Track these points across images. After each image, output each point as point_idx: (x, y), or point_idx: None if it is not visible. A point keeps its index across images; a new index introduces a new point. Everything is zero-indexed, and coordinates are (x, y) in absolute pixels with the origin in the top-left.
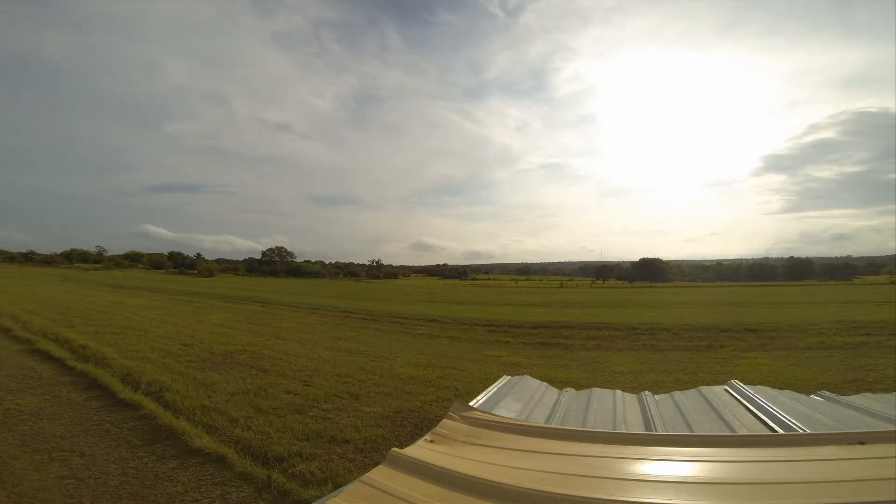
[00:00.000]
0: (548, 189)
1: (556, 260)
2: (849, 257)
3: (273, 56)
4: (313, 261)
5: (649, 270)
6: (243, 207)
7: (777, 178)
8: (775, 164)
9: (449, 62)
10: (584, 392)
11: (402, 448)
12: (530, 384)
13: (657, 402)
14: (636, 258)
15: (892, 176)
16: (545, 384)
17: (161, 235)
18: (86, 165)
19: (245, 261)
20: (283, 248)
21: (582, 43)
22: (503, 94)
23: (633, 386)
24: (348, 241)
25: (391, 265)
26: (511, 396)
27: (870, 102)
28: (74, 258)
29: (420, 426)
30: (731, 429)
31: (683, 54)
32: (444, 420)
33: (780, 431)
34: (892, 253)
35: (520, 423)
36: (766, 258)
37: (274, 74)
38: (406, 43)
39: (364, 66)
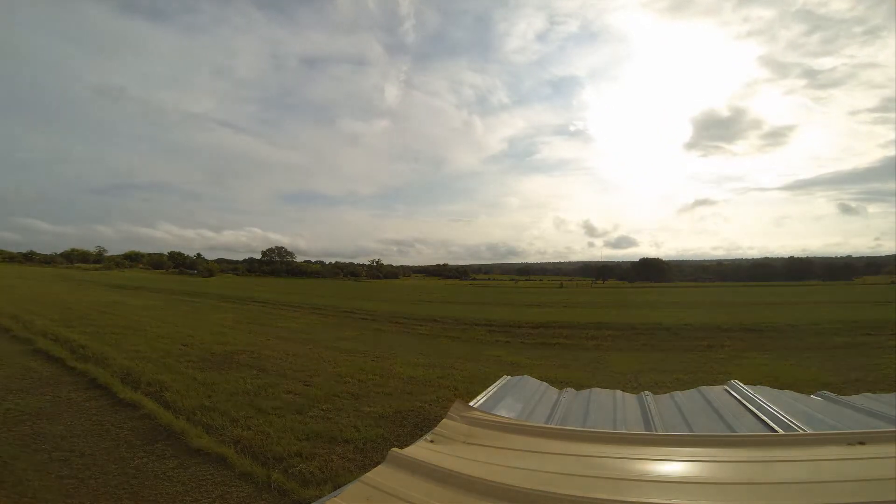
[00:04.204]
0: (528, 180)
1: (553, 260)
2: (849, 257)
3: (173, 37)
4: (313, 261)
5: (649, 270)
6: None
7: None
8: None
9: (373, 17)
10: (584, 392)
11: (402, 448)
12: (530, 384)
13: (657, 402)
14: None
15: None
16: (545, 384)
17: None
18: None
19: (245, 261)
20: (283, 248)
21: None
22: (450, 57)
23: (633, 386)
24: (325, 239)
25: (391, 265)
26: (511, 396)
27: None
28: (74, 258)
29: (420, 426)
30: (731, 429)
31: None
32: (445, 420)
33: (780, 431)
34: (893, 253)
35: (520, 423)
36: (766, 258)
37: (173, 55)
38: None
39: (278, 30)
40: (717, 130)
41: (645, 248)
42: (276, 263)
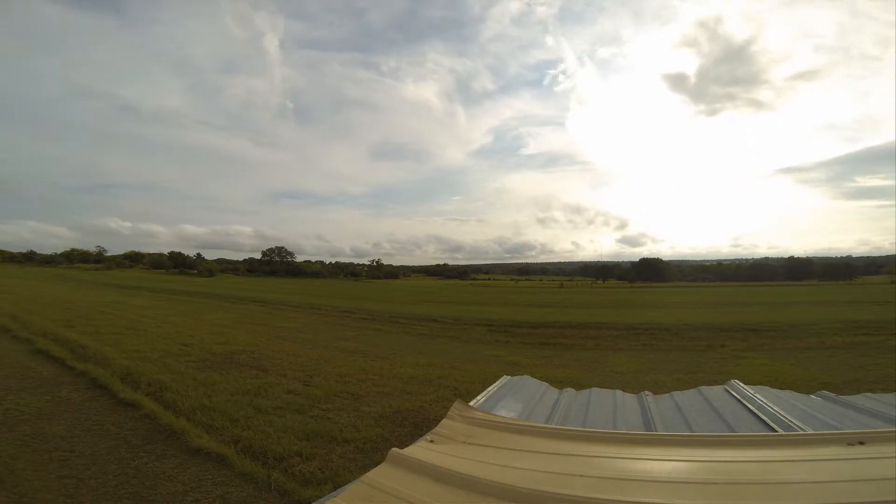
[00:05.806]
0: (520, 176)
1: (558, 260)
2: (849, 257)
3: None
4: (313, 261)
5: (649, 270)
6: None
7: None
8: None
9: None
10: (584, 392)
11: (402, 448)
12: (530, 384)
13: (657, 402)
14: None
15: None
16: (545, 384)
17: None
18: None
19: (245, 260)
20: (283, 248)
21: None
22: (425, 42)
23: (633, 386)
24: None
25: (391, 265)
26: (511, 396)
27: None
28: (74, 258)
29: (420, 426)
30: (731, 429)
31: None
32: (445, 420)
33: (780, 431)
34: (893, 253)
35: (520, 423)
36: (766, 258)
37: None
38: None
39: (243, 17)
40: (727, 67)
41: (655, 247)
42: (276, 263)
